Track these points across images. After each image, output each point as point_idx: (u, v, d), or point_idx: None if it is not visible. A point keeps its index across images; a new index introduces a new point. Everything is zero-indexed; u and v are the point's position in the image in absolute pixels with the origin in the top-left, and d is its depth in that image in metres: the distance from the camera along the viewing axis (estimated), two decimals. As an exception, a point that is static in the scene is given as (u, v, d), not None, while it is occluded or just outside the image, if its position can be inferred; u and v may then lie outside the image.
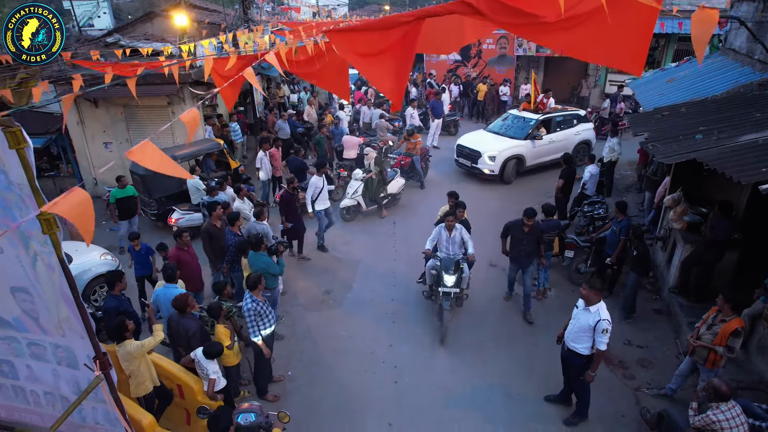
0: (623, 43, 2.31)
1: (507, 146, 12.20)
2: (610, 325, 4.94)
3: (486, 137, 12.93)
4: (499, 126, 13.30)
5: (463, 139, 13.15)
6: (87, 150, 11.88)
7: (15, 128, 2.66)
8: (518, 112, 13.30)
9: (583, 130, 13.27)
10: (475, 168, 12.45)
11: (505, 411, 5.76)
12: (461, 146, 12.89)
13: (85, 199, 2.09)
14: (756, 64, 8.23)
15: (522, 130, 12.58)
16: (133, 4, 41.54)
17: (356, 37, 2.50)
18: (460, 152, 12.97)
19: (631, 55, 2.34)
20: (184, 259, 6.67)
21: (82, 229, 2.07)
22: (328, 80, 3.99)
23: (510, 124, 13.09)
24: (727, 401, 4.17)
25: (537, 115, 12.66)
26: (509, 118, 13.37)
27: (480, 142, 12.65)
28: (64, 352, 3.58)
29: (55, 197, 2.08)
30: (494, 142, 12.49)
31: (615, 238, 7.42)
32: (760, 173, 4.77)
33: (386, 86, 2.52)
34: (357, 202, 10.55)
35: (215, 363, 4.94)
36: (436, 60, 21.44)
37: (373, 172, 10.51)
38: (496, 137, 12.73)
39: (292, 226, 8.65)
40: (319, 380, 6.30)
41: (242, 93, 15.31)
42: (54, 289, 3.22)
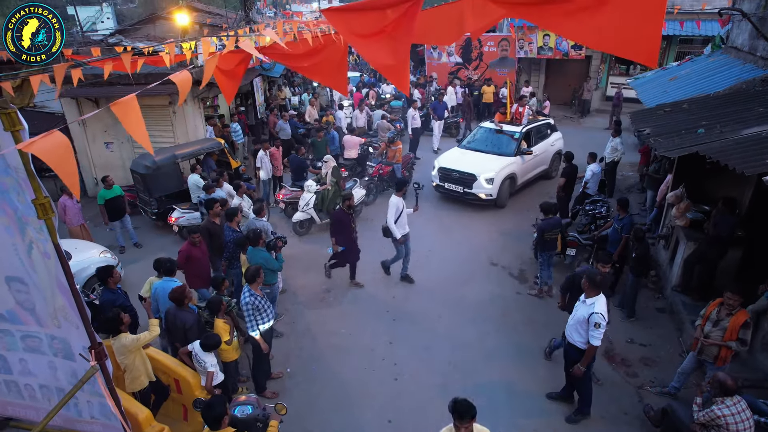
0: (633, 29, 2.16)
1: (502, 165, 10.78)
2: (604, 321, 4.87)
3: (473, 157, 11.30)
4: (478, 142, 11.86)
5: (445, 161, 11.38)
6: (88, 149, 11.88)
7: (10, 110, 2.63)
8: (494, 124, 12.03)
9: (556, 140, 12.53)
10: (469, 194, 10.72)
11: (507, 408, 5.69)
12: (447, 169, 11.05)
13: (64, 142, 2.01)
14: (759, 61, 8.21)
15: (508, 145, 11.32)
16: (137, 9, 41.80)
17: (355, 16, 2.47)
18: (445, 176, 11.10)
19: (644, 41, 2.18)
20: (195, 254, 6.63)
21: (61, 173, 1.98)
22: (326, 74, 3.94)
23: (488, 138, 11.77)
24: (733, 396, 4.10)
25: (519, 128, 11.55)
26: (481, 131, 12.10)
27: (471, 162, 10.97)
28: (59, 344, 3.54)
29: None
30: (487, 161, 10.94)
31: (617, 235, 7.37)
32: (764, 164, 4.72)
33: (387, 65, 2.47)
34: (310, 215, 9.85)
35: (213, 356, 4.89)
36: (438, 63, 21.46)
37: (328, 183, 9.79)
38: (485, 156, 11.23)
39: (343, 249, 7.73)
40: (319, 377, 6.24)
41: (243, 94, 15.33)
42: (50, 277, 3.18)
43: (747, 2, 8.88)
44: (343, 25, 2.47)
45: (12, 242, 3.18)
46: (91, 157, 11.98)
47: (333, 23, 2.45)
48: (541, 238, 7.43)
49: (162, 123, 11.48)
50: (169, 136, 11.52)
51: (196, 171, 9.83)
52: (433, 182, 11.44)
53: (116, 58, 3.95)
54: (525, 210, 10.85)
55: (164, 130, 11.53)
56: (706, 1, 15.07)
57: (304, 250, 9.40)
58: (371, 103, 17.29)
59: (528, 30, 18.74)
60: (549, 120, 12.79)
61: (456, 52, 20.74)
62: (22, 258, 3.22)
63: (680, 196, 7.32)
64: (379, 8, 2.43)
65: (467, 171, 10.70)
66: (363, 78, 22.59)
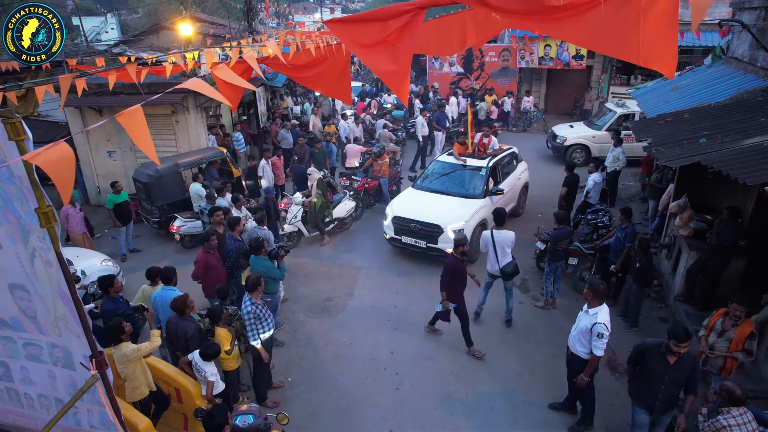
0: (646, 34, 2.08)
1: (471, 211, 8.75)
2: (607, 331, 4.84)
3: (434, 201, 9.19)
4: (436, 180, 9.76)
5: (399, 208, 9.13)
6: (91, 158, 11.95)
7: (15, 120, 2.65)
8: (452, 158, 10.01)
9: (522, 172, 10.83)
10: (433, 249, 8.58)
11: (509, 418, 5.65)
12: (403, 219, 8.85)
13: (69, 154, 2.03)
14: (759, 72, 8.24)
15: (474, 184, 9.37)
16: (141, 20, 42.25)
17: (357, 27, 2.49)
18: (402, 228, 8.89)
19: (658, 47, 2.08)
20: (212, 262, 6.61)
21: (59, 184, 2.00)
22: (329, 84, 3.96)
23: (449, 176, 9.75)
24: (739, 407, 4.06)
25: (484, 162, 9.65)
26: (437, 166, 10.05)
27: (432, 209, 8.86)
28: (60, 353, 3.53)
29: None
30: (452, 207, 8.91)
31: (619, 245, 7.36)
32: (765, 174, 4.72)
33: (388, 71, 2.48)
34: (298, 228, 9.68)
35: (213, 365, 4.87)
36: (439, 72, 21.59)
37: (314, 195, 9.60)
38: (448, 200, 9.17)
39: (455, 306, 6.47)
40: (320, 387, 6.21)
41: (246, 103, 15.43)
42: (52, 286, 3.18)
43: (747, 13, 8.93)
44: (345, 35, 2.49)
45: (15, 250, 3.19)
46: (94, 166, 12.04)
47: (336, 34, 2.47)
48: (552, 247, 7.41)
49: (164, 132, 11.55)
50: (171, 145, 11.58)
51: (198, 180, 9.87)
52: (387, 234, 9.26)
53: (120, 69, 3.99)
54: (527, 219, 10.84)
55: (167, 139, 11.60)
56: (706, 12, 15.16)
57: (305, 260, 9.39)
58: (373, 113, 17.36)
59: (529, 40, 18.86)
60: (513, 149, 10.90)
61: (458, 62, 20.87)
62: (24, 266, 3.23)
63: (683, 206, 7.31)
64: (381, 19, 2.45)
65: (429, 221, 8.56)
66: (365, 87, 22.71)
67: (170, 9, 28.53)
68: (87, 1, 46.41)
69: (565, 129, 14.95)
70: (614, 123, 13.62)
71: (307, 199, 9.72)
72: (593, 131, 14.23)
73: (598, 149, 13.97)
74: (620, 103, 14.30)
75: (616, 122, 13.63)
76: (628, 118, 13.49)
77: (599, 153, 13.79)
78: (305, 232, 9.79)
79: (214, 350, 4.88)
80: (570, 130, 14.72)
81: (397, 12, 2.41)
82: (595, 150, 14.16)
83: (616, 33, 2.17)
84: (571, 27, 2.23)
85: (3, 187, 2.94)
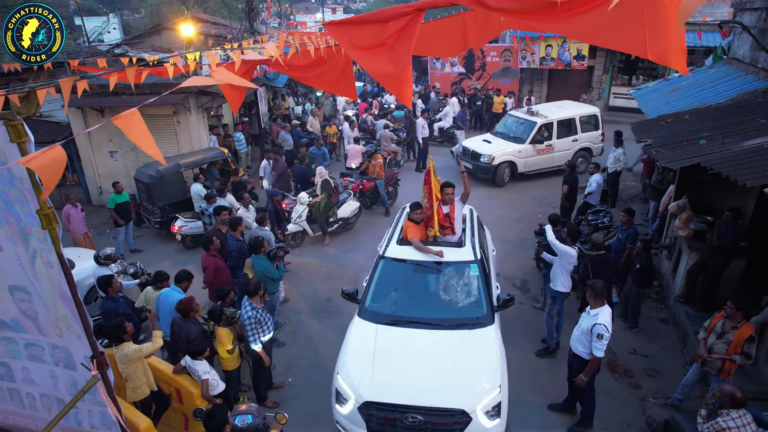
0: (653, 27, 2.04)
1: (497, 354, 5.38)
2: (608, 332, 4.85)
3: (420, 349, 5.25)
4: (404, 303, 5.76)
5: (368, 380, 4.94)
6: (93, 159, 11.98)
7: (17, 122, 2.67)
8: (408, 250, 5.96)
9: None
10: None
11: (508, 419, 5.64)
12: (386, 407, 4.79)
13: (61, 157, 2.06)
14: (760, 73, 8.23)
15: (469, 296, 5.81)
16: (143, 20, 42.30)
17: (356, 29, 2.50)
18: (383, 423, 4.81)
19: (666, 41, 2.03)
20: (219, 265, 6.58)
21: (46, 185, 2.07)
22: (332, 82, 3.95)
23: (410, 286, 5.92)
24: (739, 408, 4.06)
25: (466, 249, 6.03)
26: (389, 270, 5.96)
27: (428, 370, 5.03)
28: (61, 353, 3.54)
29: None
30: (460, 353, 5.23)
31: (621, 245, 7.35)
32: (766, 176, 4.71)
33: (387, 74, 2.48)
34: (303, 227, 9.73)
35: (204, 363, 4.85)
36: (441, 73, 21.59)
37: (320, 196, 9.68)
38: (436, 337, 5.37)
39: None
40: (320, 387, 6.21)
41: (247, 104, 15.45)
42: (53, 287, 3.20)
43: (747, 15, 8.92)
44: (343, 38, 2.50)
45: (15, 252, 3.21)
46: (96, 167, 12.08)
47: (334, 36, 2.48)
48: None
49: (166, 132, 11.57)
50: (173, 146, 11.61)
51: (199, 180, 9.89)
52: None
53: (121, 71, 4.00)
54: (528, 220, 10.84)
55: (168, 139, 11.62)
56: (707, 13, 15.16)
57: (307, 260, 9.40)
58: (375, 113, 17.37)
59: (530, 40, 18.85)
60: (474, 213, 7.10)
61: (459, 63, 20.87)
62: (25, 267, 3.24)
63: (682, 206, 7.31)
64: (380, 21, 2.46)
65: (441, 405, 4.77)
66: (366, 88, 22.72)
67: (172, 9, 28.57)
68: (89, 1, 46.48)
69: (482, 144, 12.98)
70: (536, 134, 12.45)
71: (313, 199, 9.76)
72: (517, 145, 12.57)
73: (524, 164, 12.65)
74: (533, 111, 12.98)
75: (538, 133, 12.48)
76: (548, 128, 12.53)
77: (524, 169, 12.64)
78: (310, 231, 9.84)
79: (200, 348, 4.85)
80: (490, 147, 12.76)
81: (396, 14, 2.42)
82: (521, 166, 12.63)
83: (621, 27, 2.13)
84: (575, 23, 2.20)
85: (4, 190, 2.95)
